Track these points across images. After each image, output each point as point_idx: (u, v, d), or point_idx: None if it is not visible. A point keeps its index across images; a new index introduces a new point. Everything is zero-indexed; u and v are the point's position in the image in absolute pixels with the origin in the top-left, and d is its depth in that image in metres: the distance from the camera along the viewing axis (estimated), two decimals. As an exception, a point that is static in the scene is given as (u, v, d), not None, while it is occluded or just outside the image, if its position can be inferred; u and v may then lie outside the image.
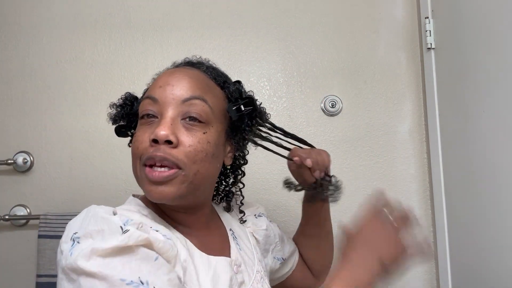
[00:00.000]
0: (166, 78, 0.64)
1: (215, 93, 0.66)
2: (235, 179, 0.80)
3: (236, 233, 0.77)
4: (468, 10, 1.03)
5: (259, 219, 0.85)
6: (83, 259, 0.49)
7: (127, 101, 0.72)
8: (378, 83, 1.29)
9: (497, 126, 0.91)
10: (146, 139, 0.61)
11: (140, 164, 0.62)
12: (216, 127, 0.64)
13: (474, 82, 1.00)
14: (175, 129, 0.60)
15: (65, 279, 0.51)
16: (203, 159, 0.61)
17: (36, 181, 1.25)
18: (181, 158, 0.59)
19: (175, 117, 0.61)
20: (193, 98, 0.62)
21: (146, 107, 0.63)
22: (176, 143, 0.60)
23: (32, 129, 1.27)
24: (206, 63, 0.73)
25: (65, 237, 0.54)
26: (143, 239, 0.52)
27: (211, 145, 0.63)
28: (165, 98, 0.62)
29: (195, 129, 0.62)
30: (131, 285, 0.49)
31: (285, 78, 1.30)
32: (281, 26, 1.31)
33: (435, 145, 1.18)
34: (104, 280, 0.49)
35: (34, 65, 1.29)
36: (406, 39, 1.31)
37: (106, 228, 0.52)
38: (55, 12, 1.31)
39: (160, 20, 1.31)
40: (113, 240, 0.50)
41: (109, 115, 0.72)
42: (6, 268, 1.22)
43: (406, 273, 0.67)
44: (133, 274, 0.50)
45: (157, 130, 0.59)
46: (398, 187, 1.26)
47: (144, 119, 0.64)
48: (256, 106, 0.70)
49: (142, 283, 0.49)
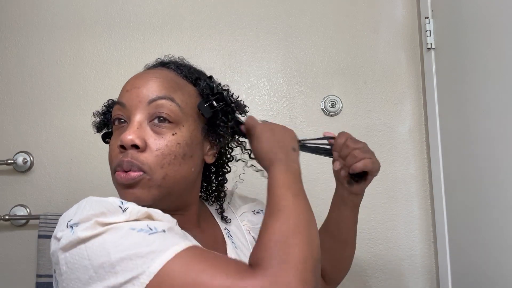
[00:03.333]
0: (133, 81, 0.64)
1: (186, 91, 0.65)
2: (222, 176, 0.78)
3: (231, 232, 0.77)
4: (468, 10, 1.03)
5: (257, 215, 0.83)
6: (88, 230, 0.50)
7: (110, 108, 0.71)
8: (378, 83, 1.29)
9: (497, 126, 0.91)
10: (116, 146, 0.61)
11: (112, 172, 0.62)
12: (188, 126, 0.63)
13: (474, 82, 1.00)
14: (142, 132, 0.60)
15: (69, 256, 0.50)
16: (171, 162, 0.60)
17: (36, 181, 1.25)
18: (146, 163, 0.59)
19: (142, 121, 0.61)
20: (159, 98, 0.61)
21: (116, 113, 0.63)
22: (144, 147, 0.59)
23: (32, 129, 1.27)
24: (179, 61, 0.72)
25: (59, 227, 0.53)
26: (143, 213, 0.53)
27: (181, 146, 0.61)
28: (131, 101, 0.62)
29: (164, 131, 0.61)
30: (141, 232, 0.50)
31: (285, 78, 1.30)
32: (281, 26, 1.31)
33: (435, 145, 1.18)
34: (114, 231, 0.50)
35: (34, 65, 1.29)
36: (406, 39, 1.31)
37: (105, 210, 0.52)
38: (55, 12, 1.31)
39: (160, 20, 1.31)
40: (116, 218, 0.51)
41: (93, 124, 0.72)
42: (6, 268, 1.22)
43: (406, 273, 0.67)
44: (142, 224, 0.51)
45: (122, 136, 0.59)
46: (398, 187, 1.26)
47: (115, 124, 0.64)
48: (228, 101, 0.68)
49: (151, 229, 0.51)
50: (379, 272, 1.23)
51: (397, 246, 1.24)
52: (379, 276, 1.23)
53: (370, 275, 1.23)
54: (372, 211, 1.24)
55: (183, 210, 0.68)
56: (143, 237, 0.49)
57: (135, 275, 0.47)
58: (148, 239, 0.49)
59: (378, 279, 1.23)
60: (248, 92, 1.29)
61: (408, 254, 1.24)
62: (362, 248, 1.22)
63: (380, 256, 1.24)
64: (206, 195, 0.80)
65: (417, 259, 1.24)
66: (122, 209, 0.53)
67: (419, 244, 1.24)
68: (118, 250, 0.48)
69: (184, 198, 0.67)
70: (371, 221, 1.24)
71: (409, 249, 1.24)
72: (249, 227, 0.81)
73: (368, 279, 1.23)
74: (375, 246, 1.24)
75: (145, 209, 0.54)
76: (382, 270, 1.23)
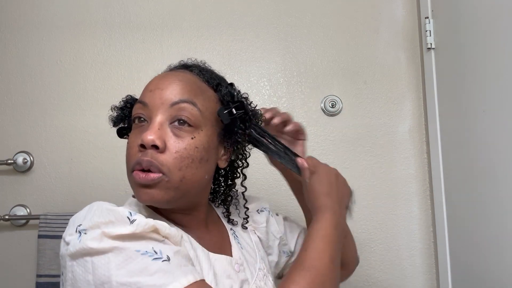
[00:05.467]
0: (157, 82, 0.65)
1: (207, 96, 0.66)
2: (232, 181, 0.79)
3: (237, 233, 0.78)
4: (468, 10, 1.03)
5: (261, 214, 0.84)
6: (94, 241, 0.50)
7: (128, 104, 0.71)
8: (378, 83, 1.29)
9: (497, 126, 0.91)
10: (135, 145, 0.62)
11: (129, 170, 0.62)
12: (206, 131, 0.64)
13: (474, 82, 1.00)
14: (162, 133, 0.61)
15: (76, 265, 0.51)
16: (189, 165, 0.61)
17: (36, 181, 1.25)
18: (165, 164, 0.59)
19: (163, 122, 0.61)
20: (181, 101, 0.62)
21: (137, 111, 0.64)
22: (163, 148, 0.60)
23: (32, 129, 1.27)
24: (201, 65, 0.73)
25: (69, 230, 0.54)
26: (150, 226, 0.54)
27: (199, 150, 0.62)
28: (154, 102, 0.62)
29: (184, 134, 0.61)
30: (146, 255, 0.51)
31: (285, 78, 1.30)
32: (281, 26, 1.31)
33: (435, 145, 1.18)
34: (119, 252, 0.50)
35: (34, 65, 1.29)
36: (406, 39, 1.31)
37: (113, 219, 0.52)
38: (55, 12, 1.31)
39: (160, 20, 1.31)
40: (123, 229, 0.52)
41: (110, 118, 0.73)
42: (6, 268, 1.22)
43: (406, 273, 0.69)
44: (147, 246, 0.52)
45: (144, 135, 0.59)
46: (398, 187, 1.26)
47: (136, 123, 0.64)
48: (247, 110, 0.69)
49: (155, 253, 0.51)
50: (379, 272, 1.23)
51: (397, 246, 1.24)
52: (379, 276, 1.23)
53: (370, 275, 1.23)
54: (372, 211, 1.24)
55: (192, 210, 0.69)
56: (146, 264, 0.50)
57: None
58: (151, 269, 0.50)
59: (378, 279, 1.23)
60: (248, 92, 1.27)
61: (408, 254, 1.24)
62: (362, 248, 1.22)
63: (380, 256, 1.24)
64: (213, 197, 0.81)
65: (417, 259, 1.24)
66: (130, 220, 0.53)
67: (419, 244, 1.24)
68: (120, 274, 0.49)
69: (196, 199, 0.68)
70: (371, 221, 1.24)
71: (409, 249, 1.24)
72: (254, 227, 0.82)
73: (368, 279, 1.23)
74: (375, 246, 1.24)
75: (152, 223, 0.54)
76: (382, 270, 1.23)
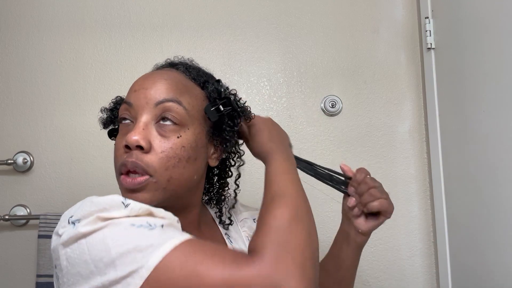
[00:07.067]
0: (142, 81, 0.64)
1: (193, 94, 0.65)
2: (224, 180, 0.78)
3: (232, 237, 0.77)
4: (468, 10, 1.03)
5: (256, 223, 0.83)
6: (88, 225, 0.50)
7: (117, 105, 0.71)
8: (378, 83, 1.29)
9: (497, 126, 0.91)
10: (121, 146, 0.61)
11: (117, 172, 0.62)
12: (193, 129, 0.63)
13: (474, 82, 1.00)
14: (147, 133, 0.60)
15: (70, 251, 0.50)
16: (176, 165, 0.60)
17: (36, 181, 1.25)
18: (151, 165, 0.59)
19: (149, 122, 0.61)
20: (166, 100, 0.61)
21: (122, 112, 0.63)
22: (148, 148, 0.59)
23: (32, 129, 1.27)
24: (188, 63, 0.72)
25: (61, 224, 0.53)
26: (145, 210, 0.53)
27: (186, 149, 0.61)
28: (138, 102, 0.62)
29: (169, 133, 0.60)
30: (140, 228, 0.50)
31: (285, 78, 1.30)
32: (281, 26, 1.31)
33: (435, 145, 1.18)
34: (114, 226, 0.50)
35: (34, 65, 1.29)
36: (406, 39, 1.31)
37: (107, 206, 0.52)
38: (55, 12, 1.31)
39: (160, 20, 1.31)
40: (117, 213, 0.51)
41: (99, 120, 0.72)
42: (6, 268, 1.22)
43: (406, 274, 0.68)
44: (142, 220, 0.51)
45: (128, 136, 0.59)
46: (398, 187, 1.26)
47: (122, 123, 0.64)
48: (235, 106, 0.67)
49: (150, 225, 0.51)
50: (379, 272, 1.23)
51: (397, 246, 1.24)
52: (379, 276, 1.23)
53: (370, 275, 1.23)
54: (372, 211, 1.24)
55: (184, 212, 0.68)
56: (142, 233, 0.50)
57: (134, 269, 0.47)
58: (147, 234, 0.50)
59: (378, 279, 1.23)
60: (248, 92, 1.29)
61: (408, 254, 1.24)
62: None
63: (380, 256, 1.24)
64: (208, 198, 0.81)
65: (417, 259, 1.24)
66: (124, 204, 0.53)
67: (419, 244, 1.24)
68: (118, 244, 0.48)
69: (186, 200, 0.67)
70: (371, 221, 1.24)
71: (409, 249, 1.24)
72: (248, 233, 0.81)
73: (368, 279, 1.23)
74: (375, 246, 1.24)
75: (147, 207, 0.54)
76: (382, 270, 1.23)
